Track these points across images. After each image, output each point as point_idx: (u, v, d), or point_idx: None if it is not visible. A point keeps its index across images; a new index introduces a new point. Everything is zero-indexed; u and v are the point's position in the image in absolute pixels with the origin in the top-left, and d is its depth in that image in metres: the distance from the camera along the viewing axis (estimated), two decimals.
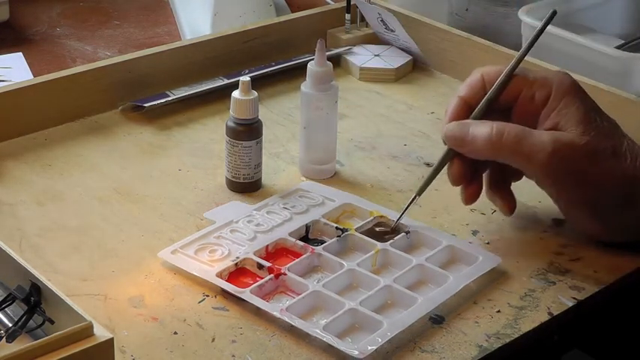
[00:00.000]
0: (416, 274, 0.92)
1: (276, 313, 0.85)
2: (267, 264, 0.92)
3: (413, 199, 0.98)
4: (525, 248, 0.98)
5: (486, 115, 0.96)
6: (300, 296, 0.88)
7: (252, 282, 0.90)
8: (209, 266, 0.91)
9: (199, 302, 0.89)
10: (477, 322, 0.88)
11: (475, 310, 0.89)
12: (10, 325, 0.80)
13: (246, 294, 0.88)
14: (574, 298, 0.91)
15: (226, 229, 0.97)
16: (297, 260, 0.93)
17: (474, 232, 1.00)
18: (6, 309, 0.81)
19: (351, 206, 1.02)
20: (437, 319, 0.88)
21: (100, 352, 0.74)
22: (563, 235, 0.99)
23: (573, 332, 0.94)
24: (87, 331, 0.74)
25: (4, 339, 0.78)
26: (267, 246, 0.95)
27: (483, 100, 0.96)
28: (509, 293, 0.91)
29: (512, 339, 0.86)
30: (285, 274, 0.90)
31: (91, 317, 0.74)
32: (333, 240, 0.96)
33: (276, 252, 0.95)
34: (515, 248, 0.98)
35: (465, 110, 0.97)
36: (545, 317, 0.89)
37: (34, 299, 0.79)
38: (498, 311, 0.89)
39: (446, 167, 0.98)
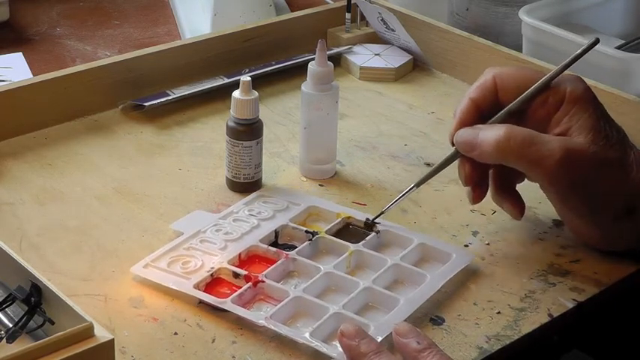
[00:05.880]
0: (392, 274, 0.92)
1: (262, 322, 0.85)
2: (243, 272, 0.91)
3: (410, 189, 0.98)
4: (525, 249, 0.98)
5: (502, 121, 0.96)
6: (282, 303, 0.87)
7: (229, 291, 0.89)
8: (185, 279, 0.90)
9: (199, 303, 0.89)
10: (477, 324, 0.88)
11: (475, 312, 0.89)
12: (11, 325, 0.80)
13: (227, 304, 0.87)
14: (574, 300, 0.91)
15: (195, 239, 0.96)
16: (272, 267, 0.92)
17: (474, 233, 1.00)
18: (6, 309, 0.81)
19: (317, 209, 1.01)
20: (437, 321, 0.88)
21: (101, 353, 0.74)
22: (564, 237, 0.99)
23: (573, 333, 0.94)
24: (87, 332, 0.74)
25: (4, 339, 0.78)
26: (240, 254, 0.94)
27: (503, 111, 0.95)
28: (510, 294, 0.91)
29: (512, 340, 0.86)
30: (264, 282, 0.90)
31: (91, 318, 0.74)
32: (305, 244, 0.95)
33: (249, 259, 0.94)
34: (516, 249, 0.98)
35: (475, 112, 0.96)
36: (545, 319, 0.89)
37: (35, 300, 0.79)
38: (498, 312, 0.89)
39: (450, 168, 0.98)
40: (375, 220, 0.98)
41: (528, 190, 0.99)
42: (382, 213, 0.98)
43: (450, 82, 1.31)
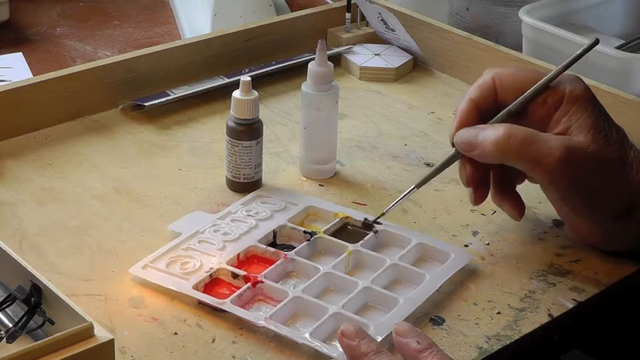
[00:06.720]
0: (391, 273, 0.92)
1: (262, 322, 0.85)
2: (242, 273, 0.91)
3: (410, 191, 0.98)
4: (525, 249, 0.98)
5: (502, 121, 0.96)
6: (282, 303, 0.87)
7: (228, 292, 0.89)
8: (184, 279, 0.90)
9: (199, 303, 0.89)
10: (477, 324, 0.88)
11: (475, 312, 0.89)
12: (11, 325, 0.80)
13: (227, 305, 0.87)
14: (574, 300, 0.91)
15: (193, 240, 0.95)
16: (271, 267, 0.92)
17: (474, 233, 1.00)
18: (6, 309, 0.81)
19: (315, 209, 1.01)
20: (437, 321, 0.88)
21: (101, 353, 0.74)
22: (564, 237, 0.99)
23: (573, 333, 0.94)
24: (87, 332, 0.74)
25: (4, 339, 0.78)
26: (239, 254, 0.94)
27: (504, 111, 0.95)
28: (510, 295, 0.91)
29: (512, 340, 0.86)
30: (263, 282, 0.89)
31: (91, 318, 0.74)
32: (303, 244, 0.95)
33: (248, 260, 0.94)
34: (516, 249, 0.98)
35: (475, 113, 0.96)
36: (545, 319, 0.89)
37: (35, 300, 0.79)
38: (498, 312, 0.89)
39: (450, 167, 0.98)
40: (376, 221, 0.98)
41: (528, 190, 0.99)
42: (383, 214, 0.98)
43: (450, 82, 1.31)
